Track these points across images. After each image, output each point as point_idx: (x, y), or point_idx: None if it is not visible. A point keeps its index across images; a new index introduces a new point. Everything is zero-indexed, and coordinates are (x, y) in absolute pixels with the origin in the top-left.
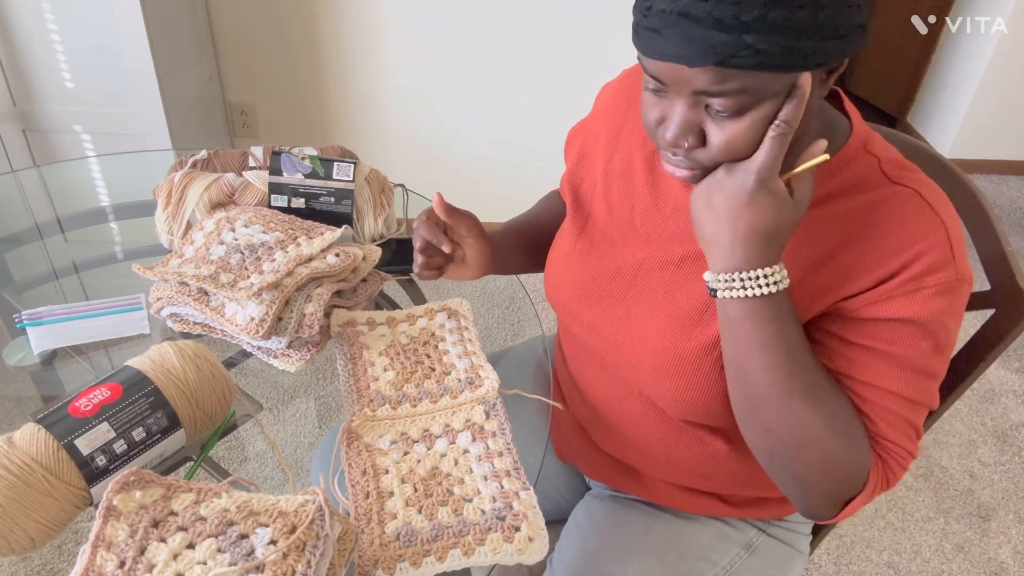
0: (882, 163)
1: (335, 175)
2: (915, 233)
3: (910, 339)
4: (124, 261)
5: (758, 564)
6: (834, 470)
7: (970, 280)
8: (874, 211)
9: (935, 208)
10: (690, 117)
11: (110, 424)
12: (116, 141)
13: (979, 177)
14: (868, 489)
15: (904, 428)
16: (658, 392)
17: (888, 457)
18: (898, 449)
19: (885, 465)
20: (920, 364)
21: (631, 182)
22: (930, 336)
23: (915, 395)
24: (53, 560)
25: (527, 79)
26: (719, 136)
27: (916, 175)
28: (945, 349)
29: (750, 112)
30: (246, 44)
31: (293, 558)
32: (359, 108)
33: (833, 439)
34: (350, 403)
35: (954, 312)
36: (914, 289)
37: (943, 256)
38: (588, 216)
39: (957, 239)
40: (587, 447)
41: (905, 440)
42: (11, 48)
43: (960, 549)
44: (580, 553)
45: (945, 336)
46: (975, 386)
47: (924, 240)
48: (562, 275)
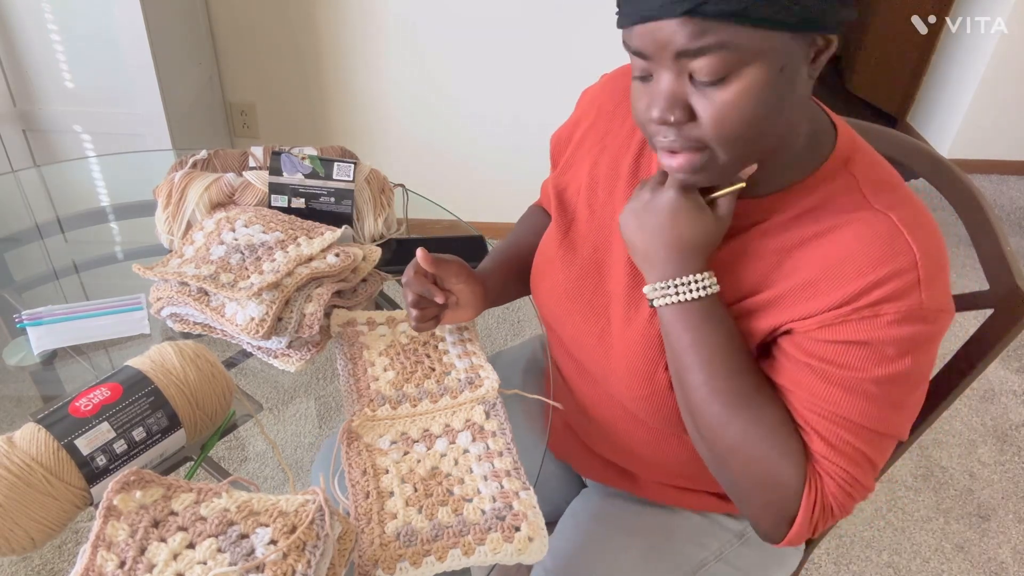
0: (861, 183)
1: (335, 175)
2: (878, 259)
3: (861, 363)
4: (124, 261)
5: (750, 553)
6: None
7: (943, 310)
8: (842, 233)
9: (908, 234)
10: (674, 88)
11: (110, 424)
12: (116, 141)
13: (979, 177)
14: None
15: (850, 453)
16: (635, 407)
17: (827, 476)
18: (839, 471)
19: (822, 484)
20: (873, 390)
21: (615, 188)
22: (887, 362)
23: (868, 422)
24: (53, 560)
25: (527, 79)
26: (707, 109)
27: (895, 196)
28: (910, 379)
29: (734, 79)
30: (246, 44)
31: (293, 558)
32: (359, 108)
33: (752, 447)
34: (350, 403)
35: (919, 342)
36: (870, 315)
37: (906, 285)
38: (572, 221)
39: (930, 267)
40: (580, 447)
41: (850, 465)
42: (11, 48)
43: (960, 549)
44: (572, 537)
45: (908, 365)
46: (975, 386)
47: (886, 266)
48: (546, 280)
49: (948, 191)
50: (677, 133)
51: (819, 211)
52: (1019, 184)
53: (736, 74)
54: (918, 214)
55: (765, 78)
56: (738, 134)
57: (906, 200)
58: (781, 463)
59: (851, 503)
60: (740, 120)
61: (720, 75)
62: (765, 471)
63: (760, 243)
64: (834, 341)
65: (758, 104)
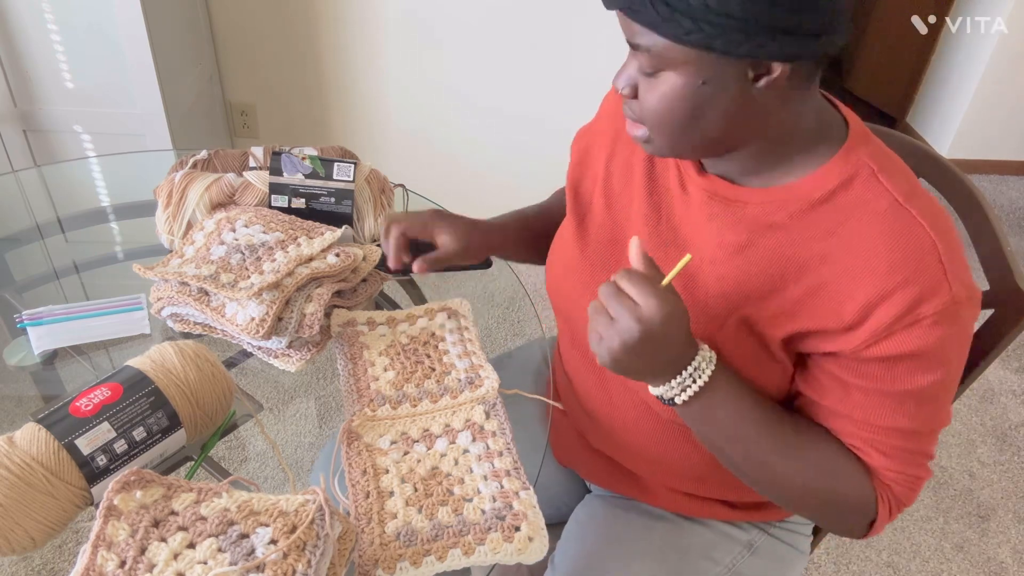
0: (878, 172)
1: (335, 175)
2: (903, 256)
3: (909, 373)
4: (124, 261)
5: (760, 563)
6: (835, 509)
7: (971, 297)
8: (862, 228)
9: (928, 226)
10: (630, 69)
11: (110, 424)
12: (116, 141)
13: (979, 177)
14: (883, 514)
15: (905, 456)
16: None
17: (893, 485)
18: (901, 476)
19: (891, 492)
20: (921, 394)
21: (631, 179)
22: (932, 367)
23: (919, 425)
24: (53, 560)
25: (528, 79)
26: (644, 93)
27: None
28: (951, 374)
29: (661, 76)
30: (246, 44)
31: (293, 558)
32: (359, 108)
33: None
34: (350, 403)
35: (957, 337)
36: (911, 323)
37: (935, 279)
38: (587, 213)
39: (951, 256)
40: (585, 451)
41: (909, 467)
42: (11, 48)
43: (959, 549)
44: (582, 552)
45: (949, 362)
46: (974, 386)
47: (912, 263)
48: (560, 268)
49: (948, 191)
50: (629, 106)
51: (832, 203)
52: (1019, 184)
53: (661, 74)
54: (932, 203)
55: (685, 87)
56: (664, 124)
57: (920, 190)
58: (850, 489)
59: (917, 493)
60: (664, 112)
61: (651, 70)
62: (840, 501)
63: (769, 238)
64: (882, 358)
65: (678, 106)
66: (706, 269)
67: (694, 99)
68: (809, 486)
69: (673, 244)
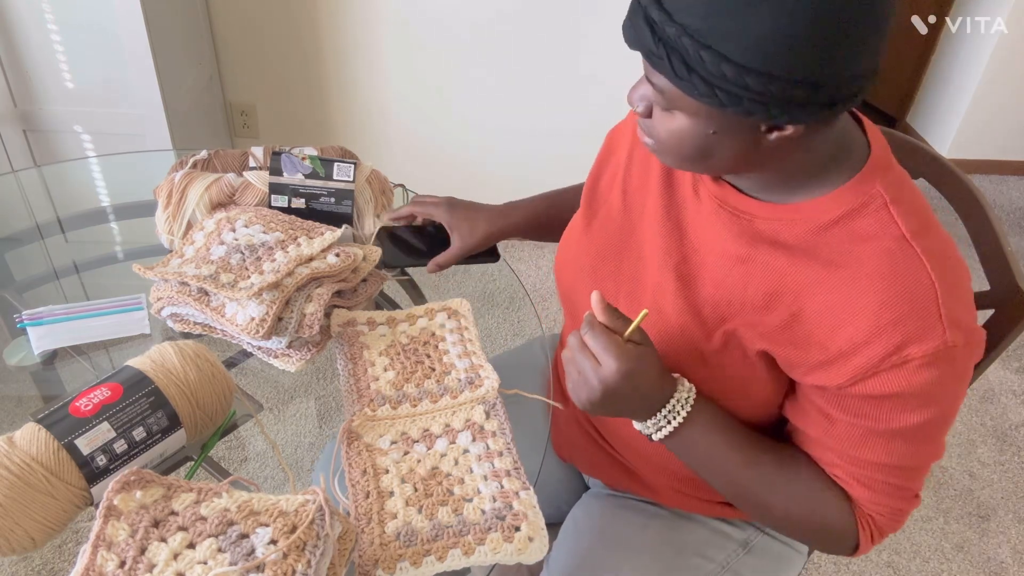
0: (889, 203)
1: (335, 175)
2: (898, 294)
3: (895, 412)
4: (124, 261)
5: (756, 562)
6: (815, 535)
7: (969, 342)
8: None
9: (929, 266)
10: (646, 91)
11: (110, 424)
12: (116, 141)
13: (979, 177)
14: (864, 541)
15: (888, 490)
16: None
17: (876, 516)
18: (884, 508)
19: (872, 522)
20: (908, 433)
21: (647, 181)
22: (919, 407)
23: (905, 461)
24: (53, 560)
25: (528, 79)
26: (656, 121)
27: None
28: (943, 413)
29: (673, 113)
30: (246, 44)
31: (293, 558)
32: (359, 108)
33: (803, 517)
34: (350, 403)
35: (949, 379)
36: (899, 363)
37: (928, 322)
38: (602, 206)
39: (951, 301)
40: (586, 445)
41: (892, 500)
42: (11, 48)
43: (959, 549)
44: (576, 550)
45: (939, 403)
46: (975, 386)
47: (907, 302)
48: (569, 253)
49: (948, 191)
50: (642, 122)
51: (838, 230)
52: (1019, 184)
53: (674, 112)
54: (942, 242)
55: (694, 131)
56: (672, 152)
57: (931, 227)
58: (830, 519)
59: (901, 522)
60: (672, 144)
61: (662, 106)
62: (820, 529)
63: (771, 255)
64: (867, 396)
65: (687, 144)
66: (705, 275)
67: (702, 143)
68: (791, 515)
69: (680, 246)
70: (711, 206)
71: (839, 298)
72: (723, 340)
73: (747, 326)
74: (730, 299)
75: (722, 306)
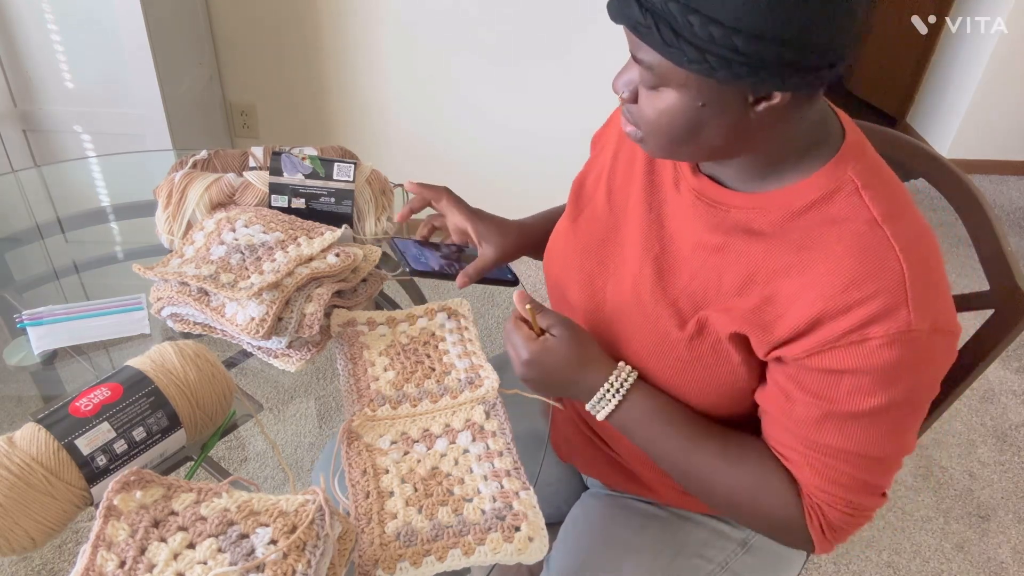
0: (861, 188)
1: (335, 175)
2: (863, 275)
3: (853, 392)
4: (124, 261)
5: (755, 561)
6: (760, 523)
7: (937, 330)
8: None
9: (899, 249)
10: (632, 75)
11: (110, 424)
12: (116, 141)
13: (979, 177)
14: (815, 534)
15: (846, 482)
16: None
17: (825, 507)
18: (837, 500)
19: (822, 514)
20: (868, 419)
21: (631, 176)
22: (877, 389)
23: (864, 449)
24: (53, 560)
25: (528, 79)
26: (643, 103)
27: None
28: (907, 404)
29: (661, 91)
30: (246, 44)
31: (293, 558)
32: (359, 108)
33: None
34: (350, 403)
35: (913, 365)
36: (858, 340)
37: (892, 304)
38: (588, 204)
39: (919, 286)
40: (585, 445)
41: (848, 493)
42: (11, 48)
43: (960, 549)
44: (575, 550)
45: (898, 388)
46: (975, 386)
47: (871, 284)
48: (556, 249)
49: (948, 191)
50: (627, 108)
51: (811, 215)
52: (1019, 184)
53: (661, 89)
54: (915, 228)
55: (684, 106)
56: (660, 134)
57: (905, 213)
58: (773, 507)
59: (859, 523)
60: (660, 125)
61: (650, 85)
62: (763, 514)
63: (746, 245)
64: (824, 370)
65: (676, 122)
66: (682, 266)
67: (691, 118)
68: (733, 500)
69: (659, 238)
70: (689, 198)
71: (809, 279)
72: (696, 327)
73: (720, 311)
74: (705, 288)
75: (698, 295)
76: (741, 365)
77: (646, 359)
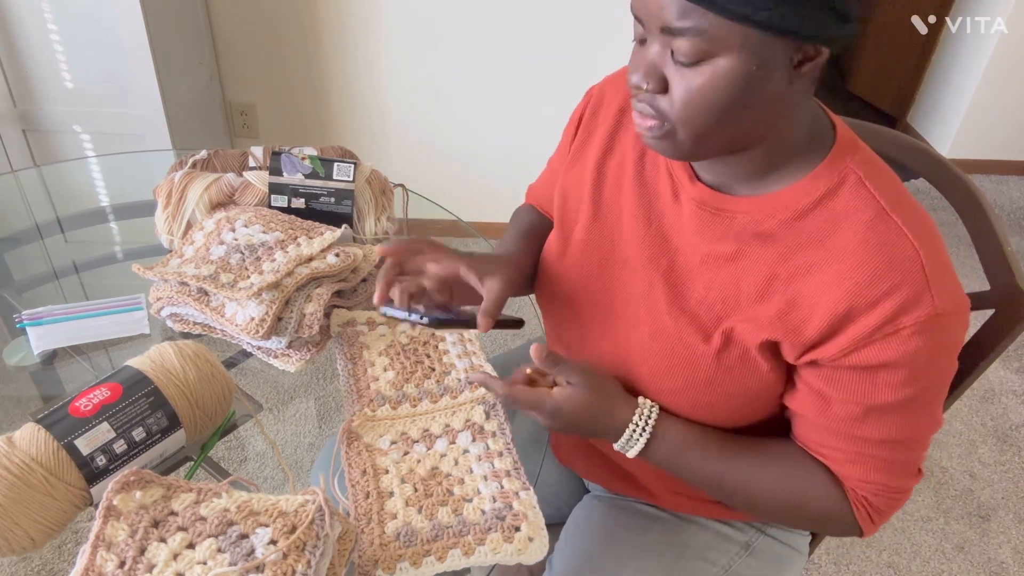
0: (864, 178)
1: (335, 175)
2: (886, 265)
3: (889, 382)
4: (124, 261)
5: (757, 564)
6: (809, 523)
7: (956, 308)
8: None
9: (911, 235)
10: (655, 59)
11: (110, 424)
12: (116, 141)
13: (979, 177)
14: (863, 521)
15: (886, 468)
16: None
17: (871, 496)
18: (880, 488)
19: (868, 504)
20: (903, 407)
21: (621, 185)
22: (913, 378)
23: (901, 435)
24: (53, 560)
25: (527, 79)
26: (679, 86)
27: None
28: (936, 383)
29: (707, 64)
30: (246, 44)
31: (293, 558)
32: (359, 108)
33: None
34: (350, 403)
35: (940, 348)
36: (891, 332)
37: (917, 290)
38: (575, 223)
39: (935, 267)
40: (584, 450)
41: (889, 478)
42: (11, 48)
43: (960, 549)
44: (578, 553)
45: (931, 373)
46: (975, 386)
47: (895, 273)
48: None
49: (948, 191)
50: (649, 100)
51: (819, 211)
52: (1019, 184)
53: (709, 61)
54: (918, 212)
55: (736, 72)
56: (700, 118)
57: (905, 198)
58: (821, 507)
59: (902, 502)
60: (703, 105)
61: (694, 58)
62: (813, 515)
63: (760, 249)
64: (860, 367)
65: (723, 95)
66: (695, 278)
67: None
68: (779, 507)
69: (665, 252)
70: (691, 209)
71: (830, 276)
72: (722, 339)
73: (745, 321)
74: (724, 298)
75: (717, 307)
76: (770, 373)
77: (671, 378)
